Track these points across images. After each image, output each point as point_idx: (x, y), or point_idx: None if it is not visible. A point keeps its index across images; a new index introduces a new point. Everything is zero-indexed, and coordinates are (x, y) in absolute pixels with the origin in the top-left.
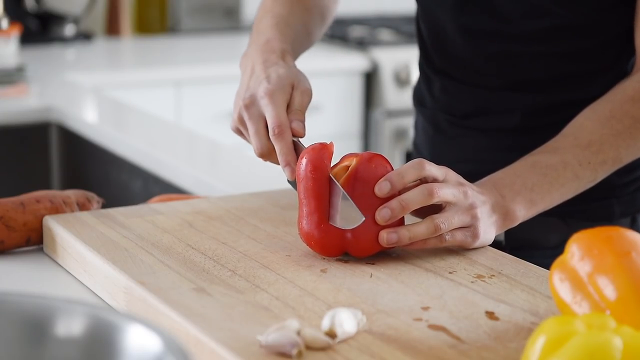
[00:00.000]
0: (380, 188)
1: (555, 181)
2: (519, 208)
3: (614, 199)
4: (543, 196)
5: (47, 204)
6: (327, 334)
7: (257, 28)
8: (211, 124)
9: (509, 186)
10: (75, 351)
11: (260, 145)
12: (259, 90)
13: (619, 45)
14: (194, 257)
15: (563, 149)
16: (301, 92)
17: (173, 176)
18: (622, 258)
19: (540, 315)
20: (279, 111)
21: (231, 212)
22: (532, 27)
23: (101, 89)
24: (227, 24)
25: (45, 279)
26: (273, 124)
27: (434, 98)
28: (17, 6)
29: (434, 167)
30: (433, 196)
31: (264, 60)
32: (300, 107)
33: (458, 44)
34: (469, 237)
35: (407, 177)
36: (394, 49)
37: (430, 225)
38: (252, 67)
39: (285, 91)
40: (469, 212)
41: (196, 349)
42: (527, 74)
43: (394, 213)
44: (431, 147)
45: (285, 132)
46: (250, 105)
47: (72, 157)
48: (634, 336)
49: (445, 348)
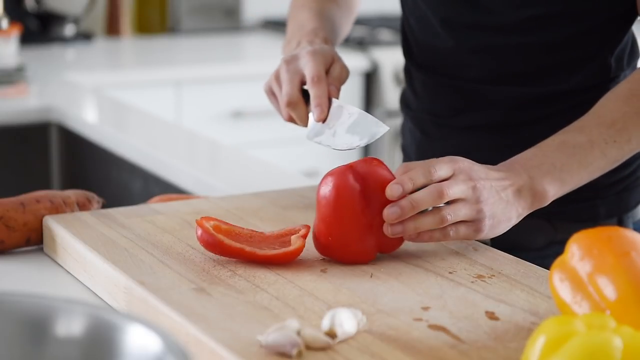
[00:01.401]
0: (392, 192)
1: (584, 160)
2: (549, 188)
3: (599, 199)
4: (572, 175)
5: (47, 204)
6: (327, 334)
7: (295, 20)
8: (211, 124)
9: (537, 166)
10: (75, 351)
11: (291, 93)
12: (302, 52)
13: (601, 33)
14: (194, 257)
15: (588, 128)
16: (341, 66)
17: (173, 176)
18: (622, 258)
19: (540, 315)
20: (319, 66)
21: (231, 212)
22: (514, 18)
23: (101, 89)
24: (227, 24)
25: (45, 279)
26: (312, 73)
27: (417, 97)
28: (17, 6)
29: (444, 168)
30: (443, 197)
31: (310, 40)
32: (339, 77)
33: (442, 37)
34: (472, 231)
35: (417, 182)
36: (394, 49)
37: (437, 216)
38: (297, 42)
39: (327, 57)
40: (476, 205)
41: (196, 349)
42: (510, 67)
43: (404, 212)
44: (417, 150)
45: (323, 81)
46: (290, 61)
47: (72, 157)
48: (634, 336)
49: (445, 348)
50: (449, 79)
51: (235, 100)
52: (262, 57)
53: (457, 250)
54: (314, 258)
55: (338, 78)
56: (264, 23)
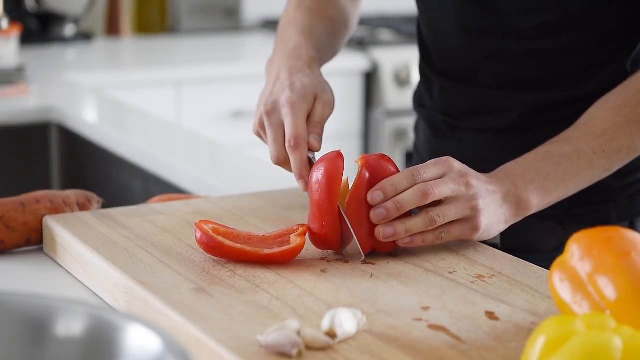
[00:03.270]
0: (372, 198)
1: (570, 170)
2: (532, 196)
3: (611, 202)
4: (557, 185)
5: (47, 204)
6: (327, 334)
7: (282, 36)
8: (211, 124)
9: (522, 175)
10: (75, 351)
11: (277, 154)
12: (282, 98)
13: (617, 39)
14: (194, 257)
15: (577, 138)
16: (323, 103)
17: (173, 176)
18: (622, 258)
19: (540, 315)
20: (297, 122)
21: (231, 212)
22: (529, 23)
23: (101, 89)
24: (227, 24)
25: (45, 279)
26: (290, 135)
27: (432, 99)
28: (17, 6)
29: (430, 171)
30: (428, 197)
31: (290, 67)
32: (320, 120)
33: (456, 42)
34: (467, 230)
35: (400, 188)
36: (394, 49)
37: (426, 218)
38: (277, 72)
39: (307, 101)
40: (469, 203)
41: (196, 349)
42: (525, 72)
43: (389, 213)
44: (430, 149)
45: (301, 145)
46: (271, 112)
47: (72, 157)
48: (634, 336)
49: (445, 348)
50: (464, 83)
51: (235, 100)
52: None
53: (457, 250)
54: (314, 258)
55: (320, 119)
56: (264, 23)
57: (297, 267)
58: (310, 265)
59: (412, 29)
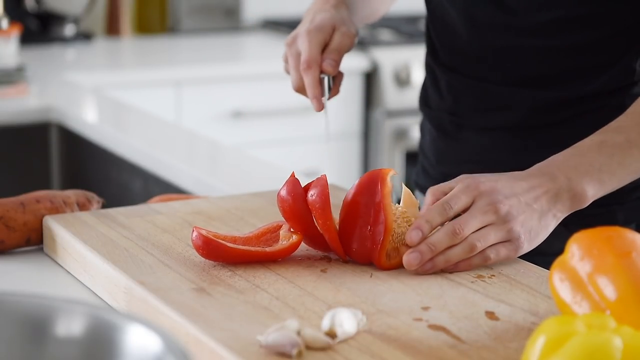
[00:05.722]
0: (411, 238)
1: (623, 160)
2: (588, 188)
3: (618, 205)
4: (611, 176)
5: (47, 204)
6: (327, 334)
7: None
8: (211, 124)
9: (575, 167)
10: (75, 351)
11: (294, 80)
12: (300, 30)
13: (626, 37)
14: (194, 257)
15: (627, 128)
16: (342, 33)
17: (173, 176)
18: (622, 258)
19: (540, 315)
20: (311, 48)
21: (231, 212)
22: (539, 20)
23: (101, 89)
24: (227, 24)
25: (45, 279)
26: (303, 59)
27: (440, 96)
28: (17, 6)
29: (461, 201)
30: (458, 236)
31: (317, 9)
32: (338, 47)
33: (466, 38)
34: (512, 251)
35: (434, 223)
36: (394, 49)
37: (466, 245)
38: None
39: (324, 31)
40: (503, 226)
41: (196, 349)
42: (533, 69)
43: (424, 256)
44: (436, 149)
45: (312, 67)
46: (291, 44)
47: (72, 157)
48: (634, 336)
49: (445, 348)
50: (472, 79)
51: (235, 100)
52: (262, 57)
53: None
54: (314, 258)
55: (337, 49)
56: (264, 23)
57: (297, 267)
58: (310, 265)
59: (413, 29)
